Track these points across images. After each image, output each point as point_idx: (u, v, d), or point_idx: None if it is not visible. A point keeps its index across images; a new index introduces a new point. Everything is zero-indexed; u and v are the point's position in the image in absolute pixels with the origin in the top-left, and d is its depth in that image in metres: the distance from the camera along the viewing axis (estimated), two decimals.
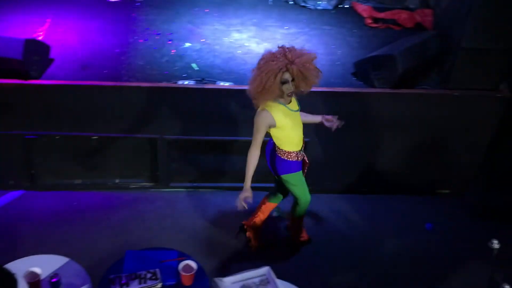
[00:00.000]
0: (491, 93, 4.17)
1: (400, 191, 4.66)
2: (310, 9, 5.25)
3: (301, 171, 3.56)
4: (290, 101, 3.33)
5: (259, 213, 3.91)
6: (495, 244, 3.06)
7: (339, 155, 4.42)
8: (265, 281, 3.06)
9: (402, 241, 4.23)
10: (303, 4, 5.27)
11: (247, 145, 4.39)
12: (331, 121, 3.54)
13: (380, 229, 4.32)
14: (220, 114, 4.11)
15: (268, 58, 3.14)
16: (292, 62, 3.11)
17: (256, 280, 3.07)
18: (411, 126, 4.31)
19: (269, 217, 4.03)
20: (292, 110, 3.34)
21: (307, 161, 3.56)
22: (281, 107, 3.29)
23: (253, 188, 3.65)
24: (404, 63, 4.04)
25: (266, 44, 4.65)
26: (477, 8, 3.84)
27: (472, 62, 4.02)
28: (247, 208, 3.36)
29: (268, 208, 3.91)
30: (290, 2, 5.29)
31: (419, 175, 4.61)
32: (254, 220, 3.93)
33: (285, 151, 3.43)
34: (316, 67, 3.24)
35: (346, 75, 4.34)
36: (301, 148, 3.48)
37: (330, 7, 5.27)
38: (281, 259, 3.96)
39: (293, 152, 3.44)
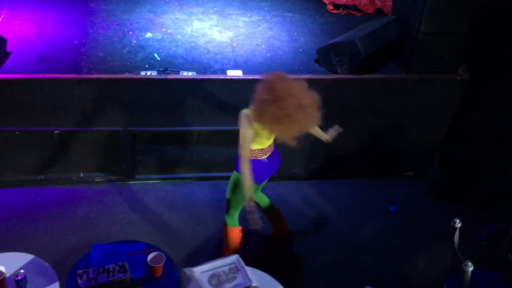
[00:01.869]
0: (450, 76, 4.27)
1: (365, 175, 4.75)
2: None
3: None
4: None
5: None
6: (457, 223, 3.15)
7: (304, 142, 4.45)
8: (234, 269, 3.07)
9: (368, 224, 4.32)
10: None
11: (211, 134, 4.41)
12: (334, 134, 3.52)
13: (346, 213, 4.40)
14: (184, 104, 4.08)
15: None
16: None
17: (225, 268, 3.08)
18: (374, 111, 4.38)
19: None
20: None
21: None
22: None
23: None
24: (366, 49, 4.09)
25: (228, 32, 4.64)
26: None
27: (431, 46, 4.11)
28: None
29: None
30: None
31: (383, 158, 4.70)
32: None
33: None
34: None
35: (309, 62, 4.37)
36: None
37: None
38: (249, 247, 3.99)
39: None
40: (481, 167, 4.53)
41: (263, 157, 3.31)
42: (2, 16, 4.49)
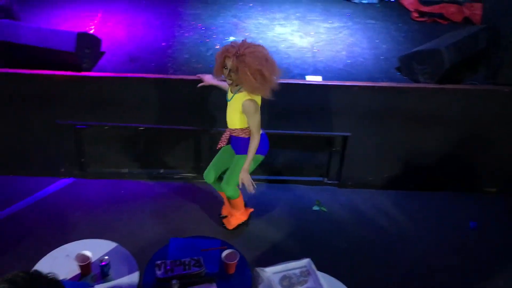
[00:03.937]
0: None
1: (445, 188, 4.59)
2: (355, 3, 5.23)
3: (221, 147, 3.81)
4: (232, 91, 3.47)
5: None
6: None
7: (383, 151, 4.39)
8: (305, 273, 3.09)
9: (445, 239, 4.16)
10: None
11: (287, 138, 4.45)
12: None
13: (421, 226, 4.27)
14: (261, 107, 4.14)
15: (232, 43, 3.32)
16: (236, 55, 3.20)
17: (297, 271, 3.10)
18: (457, 122, 4.24)
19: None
20: (227, 98, 3.54)
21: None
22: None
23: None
24: (451, 58, 3.98)
25: (309, 38, 4.67)
26: None
27: None
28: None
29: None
30: None
31: (465, 172, 4.53)
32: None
33: None
34: (255, 79, 3.24)
35: (390, 69, 4.32)
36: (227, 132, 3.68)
37: (375, 1, 5.23)
38: (320, 252, 3.98)
39: None
40: None
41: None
42: (97, 19, 4.80)
